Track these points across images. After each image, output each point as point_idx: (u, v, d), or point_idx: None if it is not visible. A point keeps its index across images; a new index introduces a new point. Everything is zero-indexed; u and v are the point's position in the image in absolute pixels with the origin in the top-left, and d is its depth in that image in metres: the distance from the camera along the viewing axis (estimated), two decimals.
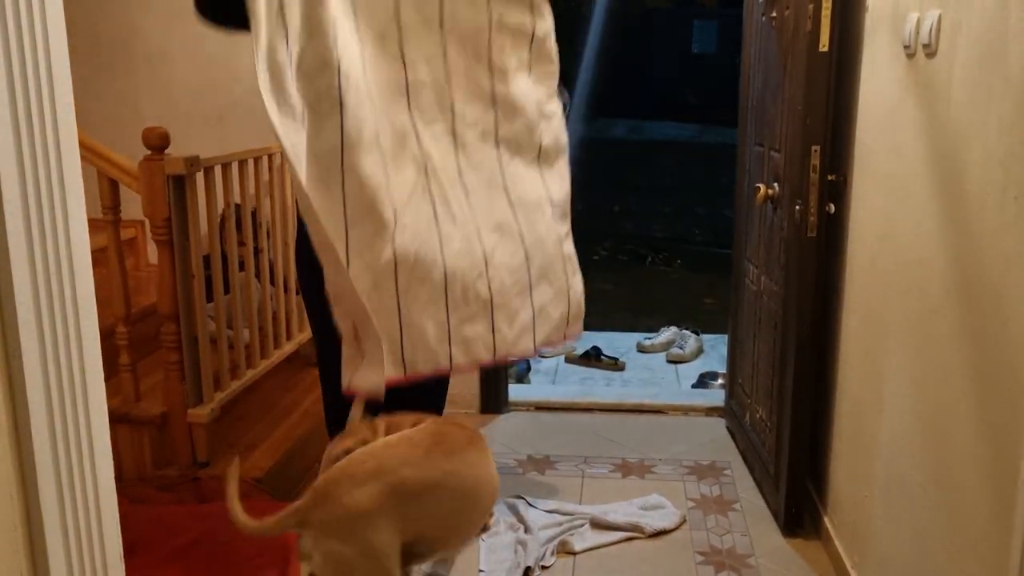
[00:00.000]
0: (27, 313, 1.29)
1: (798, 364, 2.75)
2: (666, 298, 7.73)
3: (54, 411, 1.36)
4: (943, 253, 1.86)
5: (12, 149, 1.25)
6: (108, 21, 3.74)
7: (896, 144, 2.17)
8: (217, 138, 3.68)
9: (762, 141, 3.14)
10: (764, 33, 3.11)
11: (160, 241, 2.69)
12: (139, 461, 2.82)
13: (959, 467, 1.78)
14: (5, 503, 1.29)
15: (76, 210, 1.38)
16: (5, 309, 1.26)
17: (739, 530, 2.89)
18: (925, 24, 1.93)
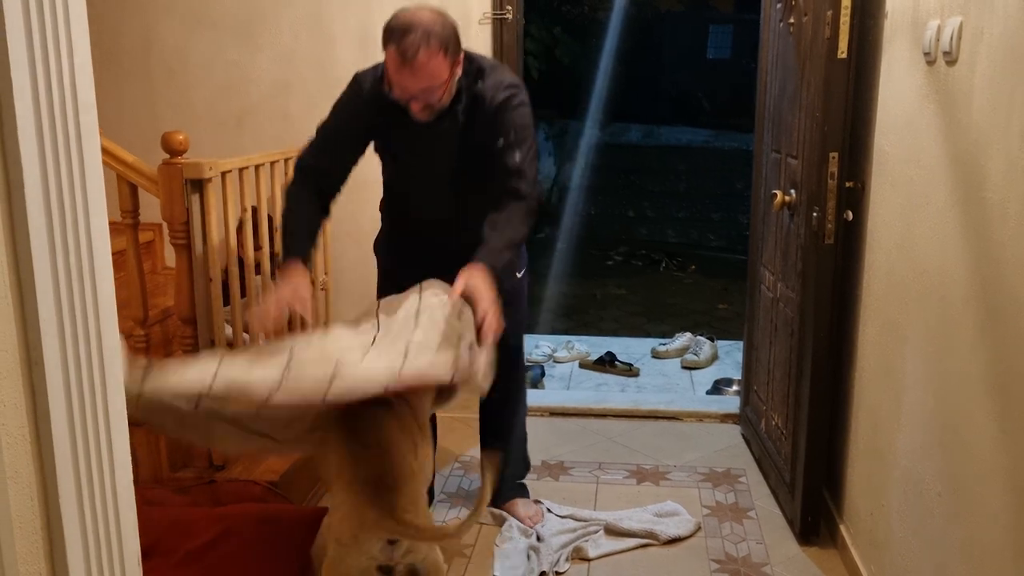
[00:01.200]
0: (49, 318, 1.30)
1: (815, 371, 2.73)
2: (680, 304, 7.72)
3: (74, 415, 1.36)
4: (962, 261, 1.85)
5: (36, 155, 1.26)
6: (128, 27, 3.77)
7: (915, 151, 2.16)
8: (235, 142, 3.71)
9: (779, 147, 3.13)
10: (781, 39, 3.10)
11: (178, 245, 2.70)
12: (155, 464, 2.84)
13: (978, 477, 1.77)
14: (26, 506, 1.30)
15: (98, 216, 1.39)
16: (28, 314, 1.27)
17: (754, 538, 2.88)
18: (946, 31, 1.92)
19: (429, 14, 2.30)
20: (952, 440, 1.91)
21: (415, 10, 2.31)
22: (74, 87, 1.33)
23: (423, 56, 2.25)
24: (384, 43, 2.31)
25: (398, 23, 2.28)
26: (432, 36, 2.25)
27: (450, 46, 2.31)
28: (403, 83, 2.32)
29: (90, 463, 1.41)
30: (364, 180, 3.75)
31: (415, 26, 2.25)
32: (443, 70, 2.31)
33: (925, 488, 2.05)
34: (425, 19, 2.27)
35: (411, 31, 2.24)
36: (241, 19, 3.69)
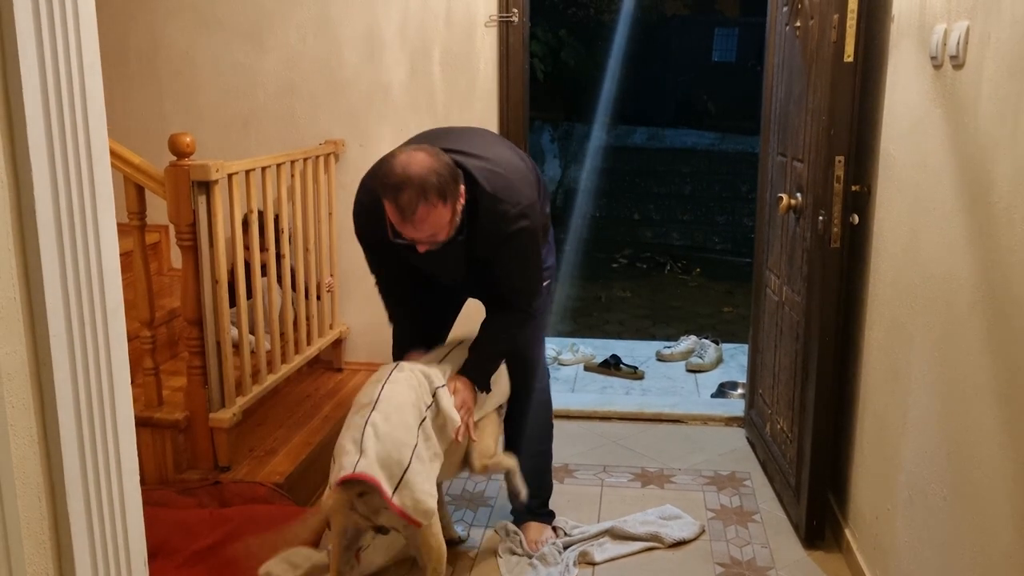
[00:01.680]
0: (57, 320, 1.30)
1: (820, 375, 2.73)
2: (685, 307, 7.71)
3: (82, 416, 1.37)
4: (969, 266, 1.84)
5: (45, 158, 1.27)
6: (136, 29, 3.78)
7: (922, 156, 2.16)
8: (241, 144, 3.72)
9: (785, 151, 3.13)
10: (788, 43, 3.10)
11: (184, 246, 2.71)
12: (161, 465, 2.84)
13: (984, 482, 1.77)
14: (34, 507, 1.31)
15: (106, 218, 1.40)
16: (36, 316, 1.28)
17: (759, 541, 2.88)
18: (953, 35, 1.92)
19: (421, 160, 2.18)
20: (958, 445, 1.90)
21: (407, 158, 2.19)
22: (83, 89, 1.33)
23: (422, 212, 2.17)
24: (380, 192, 2.22)
25: (390, 179, 2.17)
26: (428, 189, 2.15)
27: (448, 191, 2.20)
28: (406, 233, 2.25)
29: (97, 464, 1.42)
30: None
31: (409, 182, 2.14)
32: (444, 217, 2.22)
33: (931, 493, 2.05)
34: (416, 171, 2.15)
35: (405, 187, 2.15)
36: (248, 21, 3.70)
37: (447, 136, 2.54)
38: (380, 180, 2.22)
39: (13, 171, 1.23)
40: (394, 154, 2.23)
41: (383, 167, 2.23)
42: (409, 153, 2.21)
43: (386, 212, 2.24)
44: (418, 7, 3.57)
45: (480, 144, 2.48)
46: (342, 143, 3.70)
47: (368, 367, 3.82)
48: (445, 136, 2.54)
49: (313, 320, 3.51)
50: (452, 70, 3.61)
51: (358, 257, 3.76)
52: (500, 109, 3.60)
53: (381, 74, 3.66)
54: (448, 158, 2.25)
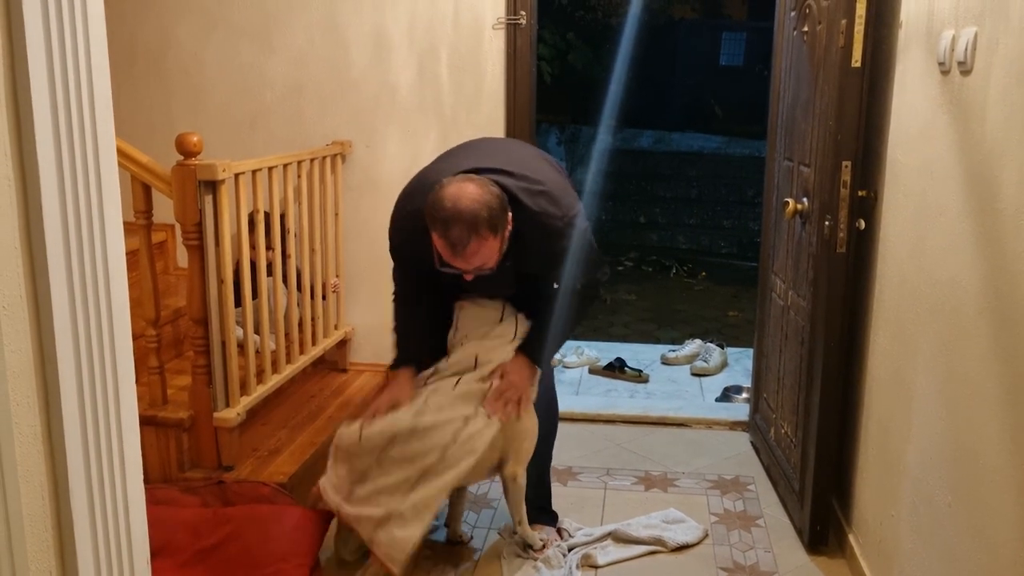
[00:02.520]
0: (63, 318, 1.30)
1: (825, 380, 2.72)
2: (690, 310, 7.70)
3: (86, 414, 1.37)
4: (976, 272, 1.84)
5: (52, 157, 1.27)
6: (144, 29, 3.79)
7: (928, 161, 2.15)
8: (248, 144, 3.72)
9: (792, 155, 3.13)
10: (795, 48, 3.10)
11: (191, 246, 2.71)
12: (165, 463, 2.85)
13: (989, 488, 1.76)
14: (37, 505, 1.31)
15: (113, 217, 1.40)
16: (42, 314, 1.28)
17: (762, 546, 2.87)
18: (960, 41, 1.91)
19: (471, 193, 2.17)
20: (964, 451, 1.90)
21: (456, 191, 2.18)
22: (91, 88, 1.34)
23: (473, 247, 2.18)
24: (429, 223, 2.22)
25: (440, 212, 2.17)
26: (479, 224, 2.16)
27: (498, 223, 2.20)
28: (456, 264, 2.26)
29: (101, 462, 1.42)
30: (377, 181, 3.78)
31: (460, 217, 2.15)
32: (494, 249, 2.24)
33: (935, 499, 2.04)
34: (467, 205, 2.15)
35: (455, 223, 2.15)
36: (256, 22, 3.71)
37: (479, 152, 2.52)
38: (429, 212, 2.21)
39: (20, 169, 1.24)
40: (443, 185, 2.22)
41: (432, 199, 2.21)
42: (459, 185, 2.20)
43: (433, 242, 2.24)
44: (426, 9, 3.58)
45: (516, 159, 2.46)
46: (349, 144, 3.70)
47: (373, 368, 3.83)
48: (476, 152, 2.53)
49: (318, 320, 3.52)
50: (459, 72, 3.62)
51: (364, 258, 3.79)
52: (507, 111, 3.60)
53: (389, 75, 3.66)
54: (496, 188, 2.24)
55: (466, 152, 2.55)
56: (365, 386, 3.67)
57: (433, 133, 3.66)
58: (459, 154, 2.54)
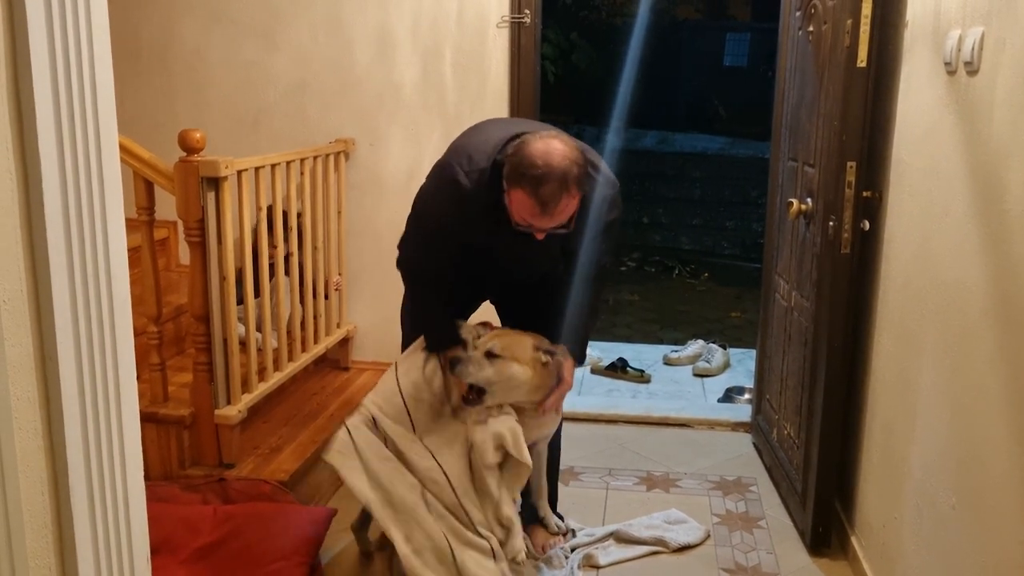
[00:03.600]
0: (64, 315, 1.30)
1: (828, 381, 2.71)
2: (693, 311, 7.69)
3: (87, 410, 1.37)
4: (982, 274, 1.83)
5: (54, 152, 1.26)
6: (148, 24, 3.79)
7: (934, 162, 2.14)
8: (250, 141, 3.72)
9: (796, 156, 3.12)
10: (800, 48, 3.09)
11: (193, 243, 2.71)
12: (165, 460, 2.84)
13: (993, 491, 1.75)
14: (37, 501, 1.30)
15: (115, 213, 1.40)
16: (43, 310, 1.27)
17: (764, 547, 2.86)
18: (967, 41, 1.90)
19: (560, 150, 2.13)
20: (968, 454, 1.89)
21: (545, 147, 2.13)
22: (94, 83, 1.33)
23: (563, 204, 2.13)
24: (513, 182, 2.14)
25: (532, 170, 2.10)
26: (569, 181, 2.11)
27: (583, 181, 2.17)
28: (537, 224, 2.18)
29: (101, 458, 1.41)
30: (380, 179, 3.77)
31: (552, 173, 2.09)
32: (575, 206, 2.19)
33: (939, 501, 2.03)
34: (558, 161, 2.10)
35: (548, 179, 2.09)
36: (260, 19, 3.70)
37: (513, 123, 2.50)
38: (515, 170, 2.13)
39: (22, 164, 1.23)
40: (525, 143, 2.16)
41: (518, 157, 2.14)
42: (545, 142, 2.15)
43: (511, 202, 2.17)
44: (430, 7, 3.57)
45: (554, 130, 2.42)
46: (352, 142, 3.70)
47: (375, 366, 3.82)
48: (510, 123, 2.51)
49: (320, 319, 3.51)
50: (463, 70, 3.61)
51: (366, 256, 3.78)
52: (511, 110, 3.59)
53: (392, 73, 3.65)
54: (576, 143, 2.22)
55: (498, 124, 2.50)
56: (367, 385, 3.66)
57: (436, 132, 3.66)
58: (490, 126, 2.47)
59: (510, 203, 2.17)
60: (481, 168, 2.25)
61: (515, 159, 2.14)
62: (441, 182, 2.33)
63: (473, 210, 2.27)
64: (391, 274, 2.83)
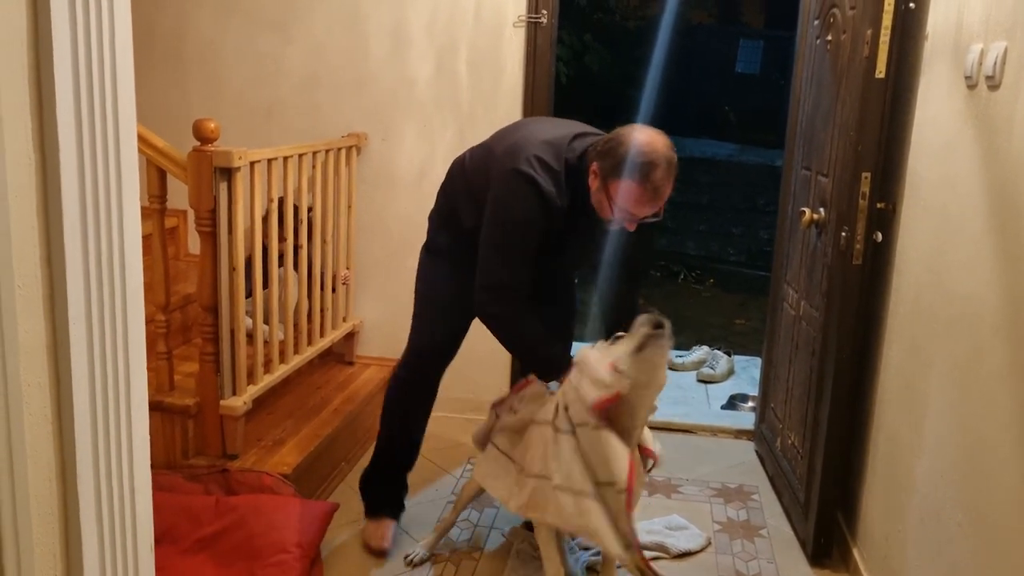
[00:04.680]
0: (77, 301, 1.29)
1: (835, 392, 2.71)
2: (697, 317, 7.68)
3: (96, 398, 1.36)
4: (995, 290, 1.82)
5: (73, 139, 1.26)
6: (163, 15, 3.78)
7: (951, 176, 2.13)
8: (263, 132, 3.72)
9: (810, 165, 3.11)
10: (818, 56, 3.08)
11: (204, 233, 2.70)
12: (170, 450, 2.84)
13: (1000, 508, 1.74)
14: (45, 487, 1.30)
15: (131, 201, 1.39)
16: (57, 295, 1.27)
17: (765, 556, 2.85)
18: (989, 56, 1.89)
19: (659, 138, 2.25)
20: (976, 470, 1.88)
21: (648, 137, 2.24)
22: (114, 71, 1.33)
23: (669, 189, 2.25)
24: (619, 174, 2.22)
25: (641, 155, 2.20)
26: (673, 165, 2.24)
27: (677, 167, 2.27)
28: (640, 213, 2.28)
29: (109, 446, 1.41)
30: (392, 175, 3.76)
31: (660, 159, 2.21)
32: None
33: (945, 517, 2.02)
34: (663, 149, 2.22)
35: (657, 165, 2.20)
36: (275, 11, 3.70)
37: (564, 122, 2.56)
38: (627, 158, 2.22)
39: (41, 150, 1.23)
40: (627, 134, 2.26)
41: (626, 147, 2.23)
42: (646, 132, 2.26)
43: (613, 194, 2.25)
44: (447, 4, 3.56)
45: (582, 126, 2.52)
46: (365, 136, 3.69)
47: (380, 361, 3.82)
48: (561, 121, 2.56)
49: (327, 312, 3.51)
50: (478, 69, 3.60)
51: (375, 251, 3.78)
52: (524, 110, 3.58)
53: (407, 69, 3.65)
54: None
55: (537, 125, 2.55)
56: (371, 379, 3.66)
57: (449, 129, 3.65)
58: (529, 128, 2.49)
59: (611, 197, 2.26)
60: (554, 170, 2.32)
61: (619, 151, 2.24)
62: (520, 189, 2.33)
63: (554, 212, 2.34)
64: (399, 269, 2.84)
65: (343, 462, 3.28)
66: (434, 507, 2.97)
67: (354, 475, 3.26)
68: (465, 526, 2.95)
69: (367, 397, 3.51)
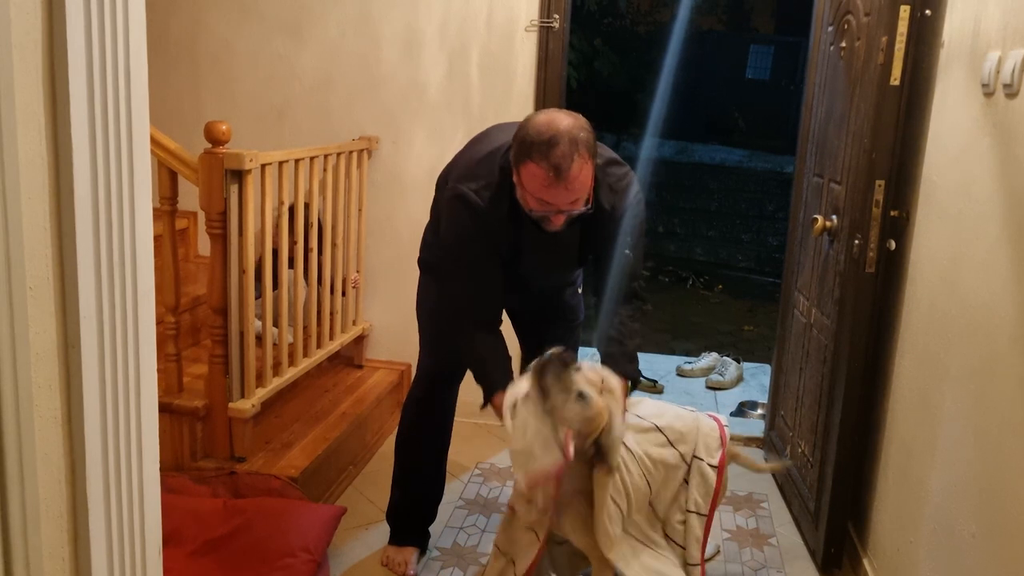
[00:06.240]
0: (89, 302, 1.29)
1: (847, 401, 2.69)
2: (706, 323, 7.66)
3: (107, 400, 1.36)
4: (1012, 299, 1.80)
5: (86, 140, 1.25)
6: (177, 15, 3.79)
7: (966, 184, 2.12)
8: (274, 135, 3.72)
9: (822, 172, 3.09)
10: (831, 63, 3.06)
11: (214, 235, 2.70)
12: (178, 451, 2.83)
13: (1016, 520, 1.72)
14: (54, 489, 1.29)
15: (143, 203, 1.39)
16: (68, 296, 1.27)
17: (774, 566, 2.84)
18: (1007, 64, 1.88)
19: (563, 117, 2.07)
20: (991, 482, 1.86)
21: (548, 117, 2.07)
22: (128, 71, 1.32)
23: (575, 168, 2.03)
24: (522, 158, 2.07)
25: (539, 135, 2.03)
26: (579, 143, 2.04)
27: (592, 147, 2.08)
28: (553, 199, 2.09)
29: (119, 448, 1.40)
30: (399, 178, 3.76)
31: (560, 135, 2.02)
32: (589, 177, 2.11)
33: (958, 529, 2.00)
34: (565, 126, 2.04)
35: (557, 142, 2.01)
36: (289, 13, 3.70)
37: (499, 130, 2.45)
38: (523, 143, 2.07)
39: (54, 151, 1.22)
40: (529, 118, 2.11)
41: (524, 131, 2.07)
42: (547, 112, 2.10)
43: (523, 182, 2.10)
44: (459, 8, 3.56)
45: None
46: (376, 139, 3.69)
47: (389, 365, 3.81)
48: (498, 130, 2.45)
49: (337, 315, 3.50)
50: (490, 73, 3.59)
51: (385, 255, 3.77)
52: None
53: (418, 73, 3.65)
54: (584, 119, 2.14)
55: (487, 135, 2.45)
56: (380, 383, 3.66)
57: (460, 133, 3.64)
58: (480, 140, 2.42)
59: (522, 185, 2.11)
60: (486, 179, 2.21)
61: (520, 136, 2.09)
62: (451, 207, 2.27)
63: (494, 223, 2.22)
64: (408, 273, 2.82)
65: (351, 465, 3.27)
66: (441, 512, 2.95)
67: (362, 479, 3.26)
68: (472, 531, 2.93)
69: (376, 401, 3.50)
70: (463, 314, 2.34)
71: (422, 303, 2.67)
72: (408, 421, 2.74)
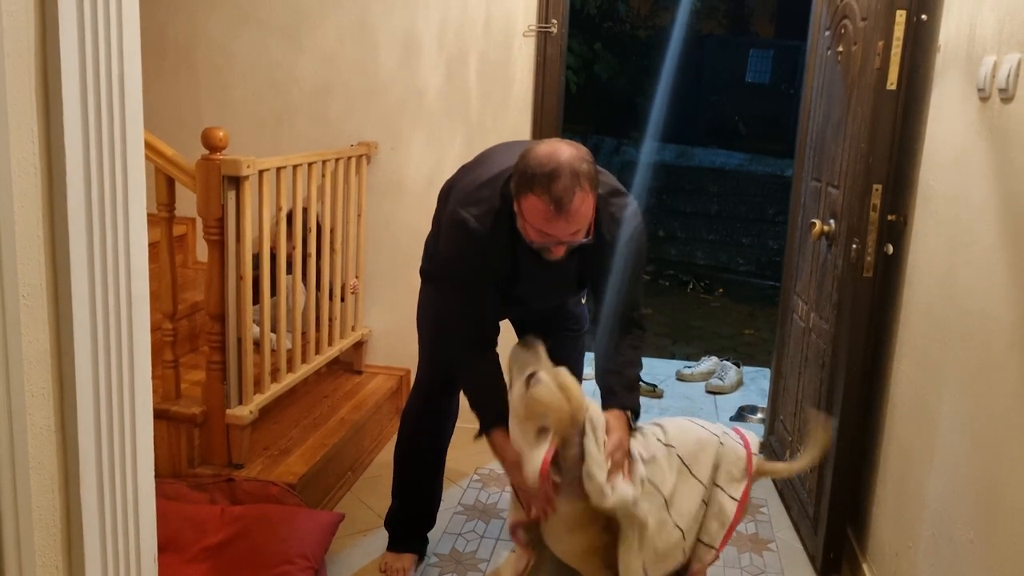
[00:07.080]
0: (82, 310, 1.29)
1: (845, 405, 2.68)
2: (706, 327, 7.66)
3: (100, 408, 1.35)
4: (1009, 304, 1.80)
5: (80, 146, 1.25)
6: (175, 21, 3.79)
7: (963, 188, 2.12)
8: (272, 141, 3.72)
9: (820, 176, 3.09)
10: (829, 68, 3.06)
11: (212, 241, 2.70)
12: (175, 458, 2.83)
13: (1015, 528, 1.72)
14: (47, 498, 1.29)
15: (137, 209, 1.39)
16: (61, 304, 1.26)
17: (774, 571, 2.83)
18: (1003, 68, 1.88)
19: (565, 148, 2.05)
20: (989, 487, 1.86)
21: (550, 148, 2.05)
22: (122, 78, 1.32)
23: (577, 201, 2.00)
24: (523, 190, 2.04)
25: (540, 167, 2.01)
26: (580, 175, 2.01)
27: (593, 179, 2.06)
28: (554, 231, 2.06)
29: (113, 456, 1.40)
30: (401, 184, 3.76)
31: (561, 168, 1.99)
32: (591, 209, 2.08)
33: (956, 534, 2.00)
34: (566, 158, 2.01)
35: (559, 175, 1.99)
36: (287, 20, 3.70)
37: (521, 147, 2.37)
38: (524, 175, 2.04)
39: (47, 157, 1.22)
40: (529, 149, 2.09)
41: (526, 162, 2.05)
42: (549, 144, 2.08)
43: (524, 213, 2.08)
44: (457, 14, 3.56)
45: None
46: (375, 145, 3.69)
47: (388, 371, 3.81)
48: (519, 147, 2.35)
49: (336, 321, 3.50)
50: (488, 78, 3.60)
51: (384, 260, 3.77)
52: (534, 119, 3.58)
53: (417, 78, 3.65)
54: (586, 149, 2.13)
55: (506, 150, 2.42)
56: (379, 389, 3.65)
57: (459, 138, 3.64)
58: (484, 162, 2.41)
59: (523, 216, 2.09)
60: (487, 204, 2.20)
61: (521, 167, 2.07)
62: (451, 231, 2.27)
63: (494, 250, 2.21)
64: (408, 279, 2.83)
65: (349, 472, 3.27)
66: (440, 518, 2.94)
67: (360, 485, 3.26)
68: (471, 537, 2.93)
69: (374, 406, 3.50)
70: (457, 335, 2.35)
71: (423, 312, 2.67)
72: (407, 433, 2.72)
